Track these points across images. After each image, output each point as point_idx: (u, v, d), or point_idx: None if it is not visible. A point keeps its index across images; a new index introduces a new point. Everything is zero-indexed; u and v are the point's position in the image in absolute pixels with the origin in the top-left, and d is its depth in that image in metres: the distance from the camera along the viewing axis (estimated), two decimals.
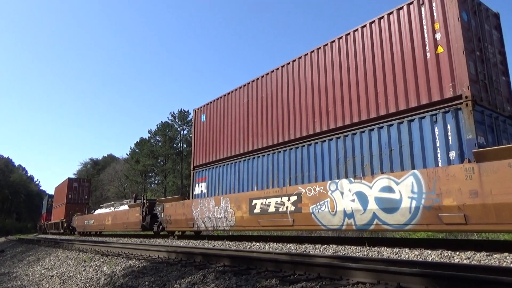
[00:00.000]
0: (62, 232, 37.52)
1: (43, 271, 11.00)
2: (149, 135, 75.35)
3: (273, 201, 12.27)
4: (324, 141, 11.44)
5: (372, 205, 9.54)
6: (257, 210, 12.77)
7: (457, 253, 7.25)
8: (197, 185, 16.45)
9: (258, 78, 14.12)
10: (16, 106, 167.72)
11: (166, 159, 74.69)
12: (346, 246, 9.76)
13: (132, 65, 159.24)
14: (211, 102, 16.50)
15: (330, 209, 10.50)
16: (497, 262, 6.26)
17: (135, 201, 22.14)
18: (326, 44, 11.86)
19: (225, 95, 15.72)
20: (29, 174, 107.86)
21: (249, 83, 14.53)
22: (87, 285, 7.65)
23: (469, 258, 6.71)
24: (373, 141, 10.22)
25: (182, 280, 6.09)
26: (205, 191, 15.82)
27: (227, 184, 14.72)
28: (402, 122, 9.68)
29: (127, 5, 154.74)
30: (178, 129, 73.65)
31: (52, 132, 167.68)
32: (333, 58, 11.57)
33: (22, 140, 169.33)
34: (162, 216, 17.74)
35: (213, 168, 15.68)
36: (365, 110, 10.48)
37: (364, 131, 10.46)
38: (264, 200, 12.54)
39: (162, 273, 6.90)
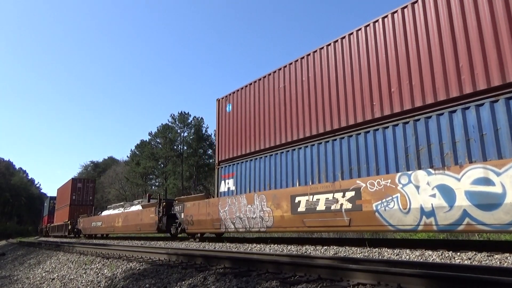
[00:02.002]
0: (65, 235, 34.94)
1: (44, 274, 10.74)
2: (150, 137, 74.19)
3: (322, 197, 10.21)
4: (387, 127, 9.37)
5: (462, 201, 7.51)
6: (301, 208, 10.70)
7: (458, 253, 7.04)
8: (223, 182, 14.28)
9: (297, 60, 12.03)
10: (16, 109, 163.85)
11: (166, 161, 73.07)
12: (346, 247, 9.31)
13: (133, 67, 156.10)
14: (238, 90, 14.35)
15: (401, 206, 8.46)
16: (498, 262, 6.08)
17: (148, 201, 19.87)
18: (386, 16, 9.86)
19: (255, 82, 13.56)
20: (29, 177, 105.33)
21: (285, 67, 12.43)
22: (88, 287, 7.55)
23: (470, 259, 6.53)
24: (456, 124, 8.16)
25: (183, 282, 5.97)
26: (233, 188, 13.69)
27: (261, 180, 12.58)
28: (497, 101, 7.67)
29: (127, 8, 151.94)
30: (179, 131, 72.30)
31: (52, 135, 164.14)
32: (396, 30, 9.56)
33: (22, 143, 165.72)
34: (182, 216, 15.53)
35: (242, 162, 13.53)
36: (442, 88, 8.44)
37: (442, 114, 8.41)
38: (311, 197, 10.47)
39: (162, 276, 6.72)
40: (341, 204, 9.71)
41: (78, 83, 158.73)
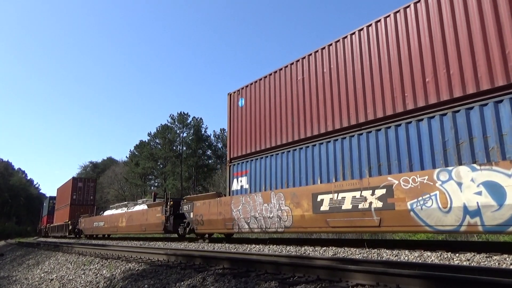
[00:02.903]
0: (66, 235, 33.77)
1: (42, 275, 10.55)
2: (149, 138, 73.50)
3: (348, 196, 9.33)
4: (421, 120, 8.50)
5: None
6: (324, 207, 9.82)
7: (457, 254, 6.92)
8: (235, 180, 13.36)
9: (317, 51, 11.14)
10: (15, 109, 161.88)
11: (165, 162, 72.26)
12: (345, 248, 9.13)
13: (132, 67, 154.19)
14: (251, 84, 13.41)
15: (441, 205, 7.60)
16: (496, 263, 5.98)
17: (154, 200, 18.88)
18: (419, 1, 9.01)
19: (270, 74, 12.63)
20: (28, 178, 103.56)
21: (304, 58, 11.52)
22: None
23: (468, 260, 6.43)
24: (503, 116, 7.33)
25: (182, 283, 5.89)
26: (246, 186, 12.78)
27: (278, 178, 11.66)
28: None
29: (126, 8, 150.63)
30: (178, 131, 71.60)
31: (51, 135, 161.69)
32: (431, 15, 8.71)
33: (21, 144, 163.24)
34: (191, 216, 14.59)
35: (257, 159, 12.60)
36: (485, 76, 7.63)
37: (486, 104, 7.57)
38: (335, 195, 9.60)
39: (161, 276, 6.61)
40: (370, 203, 8.84)
41: (77, 83, 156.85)
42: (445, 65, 8.25)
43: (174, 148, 71.95)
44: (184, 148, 71.79)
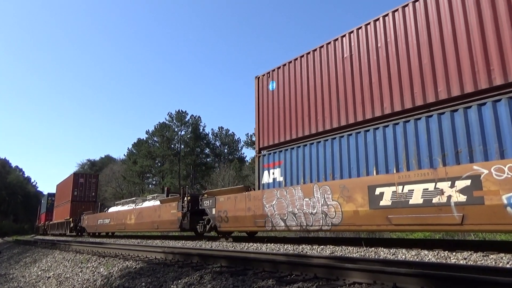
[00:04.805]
0: (66, 233, 31.48)
1: (39, 273, 10.32)
2: (147, 136, 71.81)
3: (418, 188, 7.56)
4: None
5: None
6: (385, 202, 8.05)
7: (454, 253, 6.67)
8: (266, 172, 11.49)
9: (368, 23, 9.36)
10: (12, 107, 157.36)
11: (163, 160, 70.61)
12: (343, 246, 8.79)
13: (130, 65, 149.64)
14: (284, 65, 11.53)
15: None
16: (493, 262, 5.74)
17: (167, 196, 16.90)
18: None
19: (308, 53, 10.71)
20: (26, 175, 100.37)
21: (351, 32, 9.65)
22: (84, 286, 7.25)
23: (465, 259, 6.19)
24: None
25: (179, 281, 5.67)
26: (280, 179, 10.94)
27: (320, 169, 9.81)
28: None
29: (123, 6, 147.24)
30: (176, 129, 70.18)
31: (49, 133, 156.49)
32: None
33: (19, 141, 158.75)
34: (213, 212, 12.68)
35: (292, 148, 10.72)
36: None
37: None
38: (400, 187, 7.83)
39: (159, 274, 6.38)
40: (449, 197, 7.09)
41: (75, 81, 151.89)
42: None
43: (172, 146, 70.65)
44: (182, 146, 70.47)
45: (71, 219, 30.27)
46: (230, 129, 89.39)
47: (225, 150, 73.86)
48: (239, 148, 73.04)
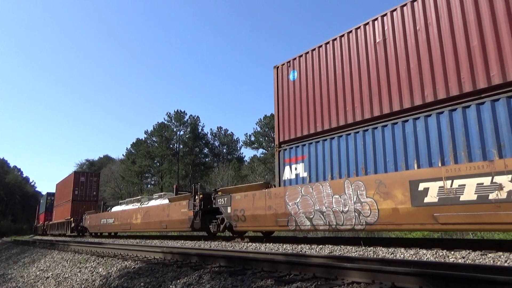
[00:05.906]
0: (67, 233, 30.22)
1: (38, 273, 10.17)
2: (146, 135, 70.88)
3: (471, 183, 6.64)
4: None
5: None
6: (430, 198, 7.12)
7: (452, 252, 6.53)
8: (287, 167, 10.49)
9: (405, 5, 8.48)
10: (11, 107, 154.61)
11: (162, 160, 69.60)
12: (342, 246, 8.58)
13: (129, 65, 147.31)
14: (306, 53, 10.56)
15: None
16: (491, 261, 5.66)
17: (175, 194, 15.86)
18: None
19: (334, 39, 9.70)
20: (24, 175, 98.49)
21: (384, 15, 8.79)
22: (83, 286, 7.08)
23: (463, 258, 6.07)
24: None
25: (178, 280, 5.56)
26: (304, 174, 9.97)
27: (350, 163, 8.83)
28: None
29: (123, 5, 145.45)
30: (175, 129, 69.39)
31: (47, 133, 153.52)
32: None
33: (17, 141, 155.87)
34: (229, 211, 11.66)
35: (317, 142, 9.76)
36: None
37: None
38: (448, 182, 6.90)
39: (157, 274, 6.27)
40: (509, 192, 6.20)
41: (74, 81, 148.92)
42: None
43: (171, 146, 69.86)
44: (181, 146, 69.65)
45: (72, 219, 29.01)
46: (229, 129, 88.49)
47: (224, 150, 72.98)
48: (238, 148, 72.15)
